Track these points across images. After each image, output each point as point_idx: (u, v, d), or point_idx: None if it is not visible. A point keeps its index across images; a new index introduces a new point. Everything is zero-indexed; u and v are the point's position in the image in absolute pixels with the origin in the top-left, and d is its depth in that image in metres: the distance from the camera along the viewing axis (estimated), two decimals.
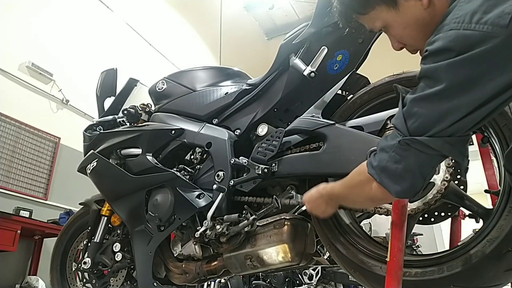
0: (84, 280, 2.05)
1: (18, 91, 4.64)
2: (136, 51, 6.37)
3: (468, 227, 1.58)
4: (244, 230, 1.44)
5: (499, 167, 1.21)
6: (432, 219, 1.37)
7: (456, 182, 1.34)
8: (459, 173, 1.36)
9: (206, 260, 1.65)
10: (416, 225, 1.35)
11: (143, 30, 6.62)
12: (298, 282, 4.24)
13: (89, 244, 2.00)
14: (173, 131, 1.78)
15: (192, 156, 1.80)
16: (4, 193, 4.27)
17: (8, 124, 4.43)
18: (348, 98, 1.48)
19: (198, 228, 1.56)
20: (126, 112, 2.00)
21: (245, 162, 1.52)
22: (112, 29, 6.11)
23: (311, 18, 1.52)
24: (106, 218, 2.01)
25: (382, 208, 1.24)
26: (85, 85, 5.00)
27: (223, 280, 4.02)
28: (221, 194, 1.52)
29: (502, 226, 1.02)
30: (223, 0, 8.18)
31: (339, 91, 1.47)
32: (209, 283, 3.93)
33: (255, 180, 1.50)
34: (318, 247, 1.51)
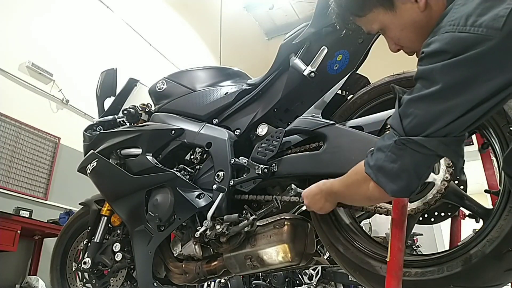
0: (84, 280, 2.05)
1: (18, 91, 4.64)
2: (136, 51, 6.38)
3: (468, 227, 1.58)
4: (244, 230, 1.44)
5: (499, 167, 1.21)
6: (432, 219, 1.37)
7: (456, 182, 1.33)
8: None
9: (206, 260, 1.65)
10: (416, 225, 1.34)
11: (143, 30, 6.62)
12: (298, 282, 4.24)
13: (89, 244, 2.00)
14: (173, 131, 1.78)
15: (192, 156, 1.80)
16: (4, 193, 4.27)
17: (8, 124, 4.44)
18: (348, 98, 1.48)
19: (198, 228, 1.56)
20: (126, 112, 2.00)
21: (245, 162, 1.52)
22: (112, 29, 6.11)
23: (311, 18, 1.52)
24: (106, 218, 2.01)
25: (382, 208, 1.24)
26: (85, 85, 5.00)
27: (223, 280, 4.02)
28: (221, 194, 1.52)
29: (502, 226, 1.02)
30: (223, 0, 8.18)
31: (339, 91, 1.47)
32: (209, 283, 3.93)
33: (255, 180, 1.50)
34: (318, 247, 1.51)
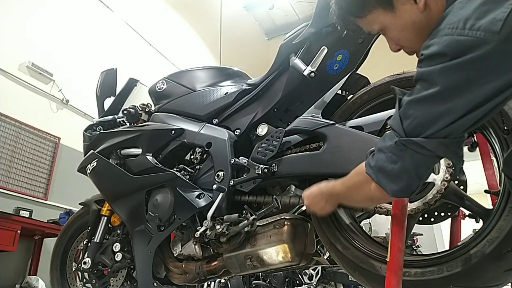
0: (84, 280, 2.05)
1: (18, 91, 4.64)
2: (136, 51, 6.37)
3: (468, 227, 1.58)
4: (244, 230, 1.44)
5: (499, 167, 1.21)
6: (432, 219, 1.37)
7: (456, 182, 1.33)
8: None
9: (206, 260, 1.65)
10: (416, 225, 1.34)
11: (143, 30, 6.62)
12: (298, 282, 4.25)
13: (89, 244, 2.00)
14: (173, 131, 1.78)
15: (192, 156, 1.80)
16: (4, 193, 4.27)
17: (8, 124, 4.43)
18: (348, 98, 1.48)
19: (198, 228, 1.56)
20: (126, 112, 2.00)
21: (245, 162, 1.52)
22: (112, 29, 6.10)
23: (311, 18, 1.52)
24: (106, 218, 2.01)
25: (382, 208, 1.24)
26: (85, 85, 4.99)
27: (223, 280, 4.02)
28: (221, 194, 1.52)
29: (502, 226, 1.02)
30: (223, 0, 8.18)
31: (339, 91, 1.47)
32: (209, 283, 3.93)
33: (255, 180, 1.50)
34: (318, 247, 1.51)
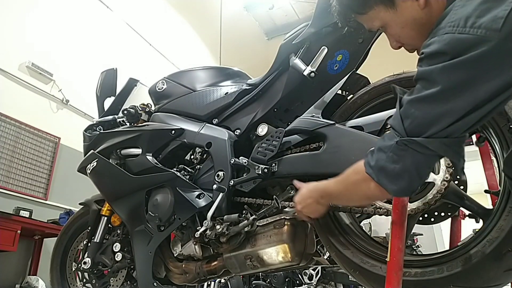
0: (84, 280, 2.05)
1: (18, 91, 4.64)
2: (136, 51, 6.37)
3: (468, 227, 1.58)
4: (244, 230, 1.44)
5: (499, 167, 1.21)
6: (432, 219, 1.37)
7: (456, 182, 1.33)
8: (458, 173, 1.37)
9: (206, 260, 1.65)
10: (416, 225, 1.34)
11: (143, 30, 6.62)
12: (298, 282, 4.24)
13: (89, 244, 2.00)
14: (173, 131, 1.78)
15: (192, 156, 1.80)
16: (4, 193, 4.26)
17: (8, 124, 4.43)
18: (348, 98, 1.48)
19: (198, 228, 1.56)
20: (126, 112, 2.00)
21: (245, 162, 1.52)
22: (112, 29, 6.10)
23: (311, 18, 1.52)
24: (106, 218, 2.01)
25: (382, 209, 1.24)
26: (85, 85, 4.99)
27: (223, 280, 4.02)
28: (221, 194, 1.52)
29: (502, 226, 1.02)
30: (223, 0, 8.18)
31: (339, 91, 1.47)
32: (209, 283, 3.93)
33: (255, 180, 1.50)
34: (318, 247, 1.51)
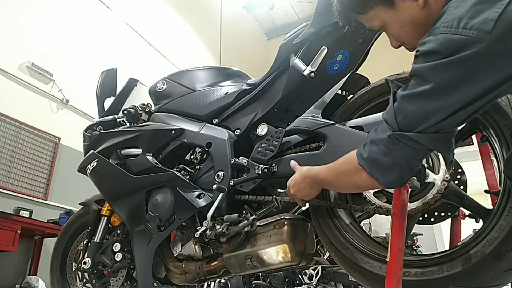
0: (84, 280, 2.05)
1: (18, 91, 4.64)
2: (136, 51, 6.37)
3: (468, 227, 1.59)
4: (244, 230, 1.44)
5: (499, 167, 1.21)
6: (432, 219, 1.37)
7: (456, 182, 1.34)
8: (458, 173, 1.37)
9: (206, 260, 1.65)
10: (416, 225, 1.35)
11: (143, 30, 6.62)
12: (298, 282, 4.24)
13: (89, 244, 2.00)
14: (173, 131, 1.78)
15: (192, 156, 1.80)
16: (4, 193, 4.26)
17: (8, 124, 4.43)
18: (348, 98, 1.48)
19: (198, 228, 1.56)
20: (126, 112, 2.00)
21: (245, 162, 1.52)
22: (112, 29, 6.10)
23: (311, 18, 1.52)
24: (106, 218, 2.01)
25: (382, 208, 1.24)
26: (85, 85, 4.99)
27: (223, 280, 4.02)
28: (221, 194, 1.52)
29: (502, 226, 1.02)
30: (223, 0, 8.18)
31: (339, 91, 1.47)
32: (209, 283, 3.93)
33: (255, 180, 1.50)
34: (318, 247, 1.51)
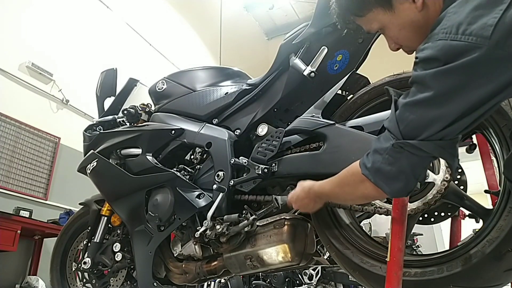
0: (84, 280, 2.05)
1: (18, 91, 4.64)
2: (136, 51, 6.37)
3: (468, 227, 1.59)
4: (244, 230, 1.44)
5: (499, 167, 1.21)
6: (432, 219, 1.37)
7: (456, 182, 1.34)
8: (458, 173, 1.37)
9: (206, 260, 1.65)
10: (416, 225, 1.35)
11: (143, 30, 6.62)
12: (298, 282, 4.24)
13: (89, 244, 2.00)
14: (173, 131, 1.78)
15: (192, 156, 1.80)
16: (4, 193, 4.26)
17: (8, 124, 4.43)
18: (348, 98, 1.48)
19: (198, 228, 1.56)
20: (126, 112, 2.00)
21: (245, 162, 1.52)
22: (112, 29, 6.10)
23: (311, 18, 1.52)
24: (106, 218, 2.01)
25: (382, 208, 1.24)
26: (85, 85, 4.99)
27: (223, 280, 4.02)
28: (221, 194, 1.52)
29: (502, 226, 1.02)
30: (223, 0, 8.18)
31: (339, 91, 1.47)
32: (209, 283, 3.93)
33: (255, 180, 1.50)
34: (318, 247, 1.51)
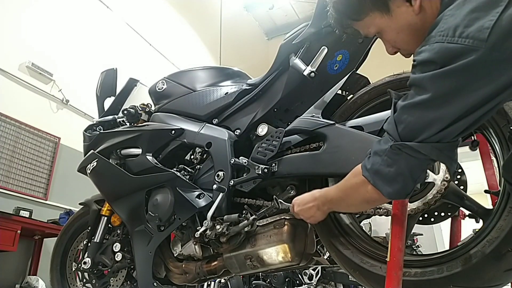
0: (84, 280, 2.05)
1: (18, 91, 4.64)
2: (136, 51, 6.37)
3: (468, 227, 1.59)
4: (244, 230, 1.44)
5: (499, 167, 1.21)
6: (432, 219, 1.37)
7: (456, 182, 1.34)
8: (458, 173, 1.37)
9: (206, 260, 1.65)
10: (416, 225, 1.35)
11: (143, 30, 6.62)
12: (298, 282, 4.24)
13: (89, 244, 2.00)
14: (173, 131, 1.78)
15: (192, 156, 1.80)
16: (4, 193, 4.26)
17: (8, 124, 4.43)
18: (348, 98, 1.48)
19: (198, 228, 1.56)
20: (126, 112, 2.00)
21: (245, 162, 1.52)
22: (112, 29, 6.10)
23: (311, 18, 1.52)
24: (106, 218, 2.01)
25: (382, 209, 1.24)
26: (85, 85, 4.99)
27: (223, 280, 4.02)
28: (221, 194, 1.52)
29: (502, 226, 1.02)
30: (223, 0, 8.18)
31: (339, 91, 1.47)
32: (209, 283, 3.93)
33: (255, 180, 1.50)
34: (318, 247, 1.51)
